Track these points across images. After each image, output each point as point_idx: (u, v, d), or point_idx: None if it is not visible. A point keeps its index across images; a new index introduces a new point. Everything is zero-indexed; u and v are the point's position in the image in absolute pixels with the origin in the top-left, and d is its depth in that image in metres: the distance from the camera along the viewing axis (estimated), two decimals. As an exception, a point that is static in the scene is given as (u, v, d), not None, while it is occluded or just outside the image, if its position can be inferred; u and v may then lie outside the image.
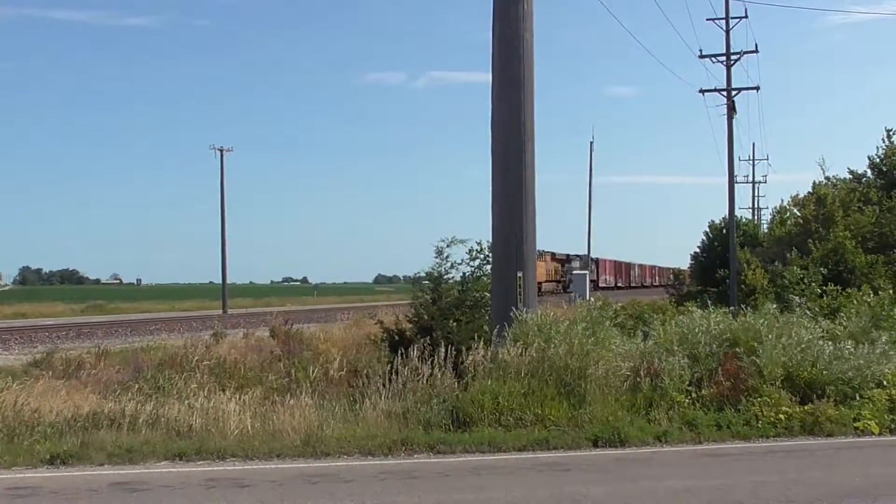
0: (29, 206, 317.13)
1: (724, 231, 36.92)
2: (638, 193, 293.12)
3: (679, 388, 13.37)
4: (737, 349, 14.50)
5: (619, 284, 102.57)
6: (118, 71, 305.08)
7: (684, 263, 73.13)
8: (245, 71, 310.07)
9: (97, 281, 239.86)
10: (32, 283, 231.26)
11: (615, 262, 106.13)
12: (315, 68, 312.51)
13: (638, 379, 13.52)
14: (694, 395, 13.39)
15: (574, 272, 78.31)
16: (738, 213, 41.43)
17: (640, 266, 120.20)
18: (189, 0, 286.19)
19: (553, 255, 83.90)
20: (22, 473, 10.08)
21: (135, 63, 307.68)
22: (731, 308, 21.57)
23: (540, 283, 67.61)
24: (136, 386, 14.54)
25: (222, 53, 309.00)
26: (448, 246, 17.56)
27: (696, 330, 14.99)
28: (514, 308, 15.41)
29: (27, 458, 10.49)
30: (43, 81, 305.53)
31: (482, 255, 20.04)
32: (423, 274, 17.91)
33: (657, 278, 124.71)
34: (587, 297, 52.07)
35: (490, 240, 17.16)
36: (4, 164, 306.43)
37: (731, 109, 35.31)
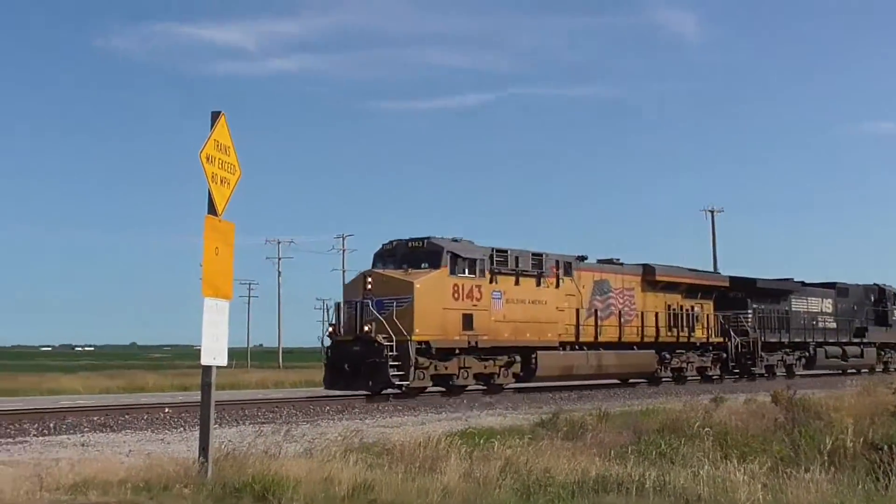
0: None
1: None
2: None
3: None
4: None
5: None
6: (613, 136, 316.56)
7: None
8: (729, 131, 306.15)
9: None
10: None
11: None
12: (798, 120, 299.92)
13: None
14: None
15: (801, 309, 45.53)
16: None
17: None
18: (654, 69, 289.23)
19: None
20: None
21: (627, 132, 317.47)
22: None
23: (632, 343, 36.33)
24: (638, 450, 14.41)
25: (704, 116, 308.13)
26: None
27: None
28: None
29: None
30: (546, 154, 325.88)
31: None
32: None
33: None
34: None
35: None
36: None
37: None
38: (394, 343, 26.93)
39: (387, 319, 27.23)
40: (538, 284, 32.28)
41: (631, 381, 38.28)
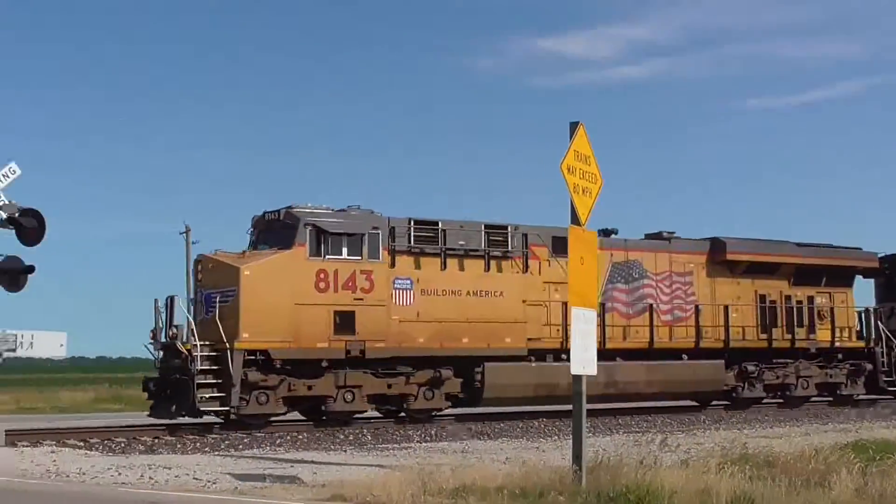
0: None
1: None
2: None
3: None
4: None
5: None
6: None
7: None
8: None
9: None
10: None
11: None
12: None
13: None
14: None
15: None
16: None
17: None
18: None
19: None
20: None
21: None
22: None
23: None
24: None
25: None
26: None
27: None
28: None
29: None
30: None
31: None
32: None
33: None
34: None
35: None
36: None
37: None
38: (198, 353, 19.73)
39: (209, 321, 20.58)
40: (488, 269, 23.34)
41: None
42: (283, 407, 21.06)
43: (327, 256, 21.11)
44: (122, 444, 18.23)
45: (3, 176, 17.50)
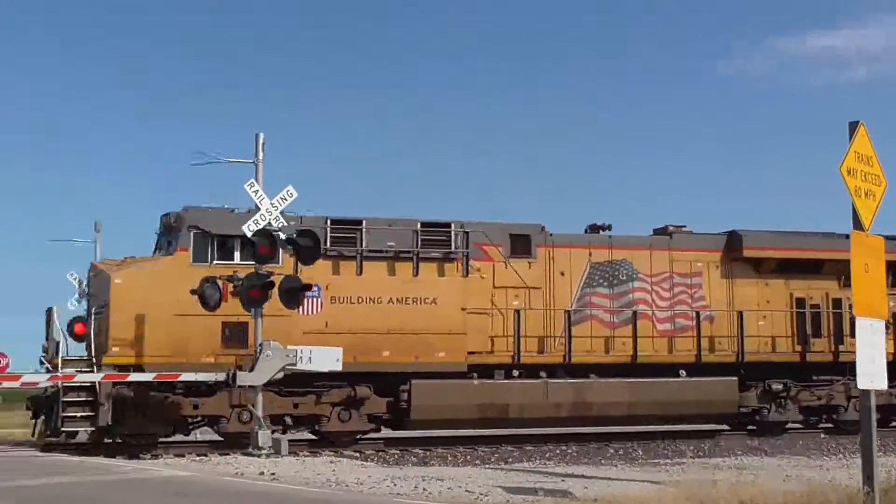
0: None
1: None
2: None
3: None
4: None
5: None
6: None
7: None
8: None
9: None
10: None
11: None
12: None
13: None
14: None
15: None
16: None
17: None
18: None
19: None
20: None
21: None
22: None
23: None
24: None
25: None
26: None
27: None
28: None
29: None
30: None
31: None
32: None
33: None
34: None
35: None
36: None
37: None
38: (60, 370, 18.55)
39: (90, 334, 19.36)
40: (417, 272, 20.72)
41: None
42: (168, 427, 19.75)
43: (215, 262, 19.36)
44: (396, 456, 18.84)
45: (282, 199, 18.55)
